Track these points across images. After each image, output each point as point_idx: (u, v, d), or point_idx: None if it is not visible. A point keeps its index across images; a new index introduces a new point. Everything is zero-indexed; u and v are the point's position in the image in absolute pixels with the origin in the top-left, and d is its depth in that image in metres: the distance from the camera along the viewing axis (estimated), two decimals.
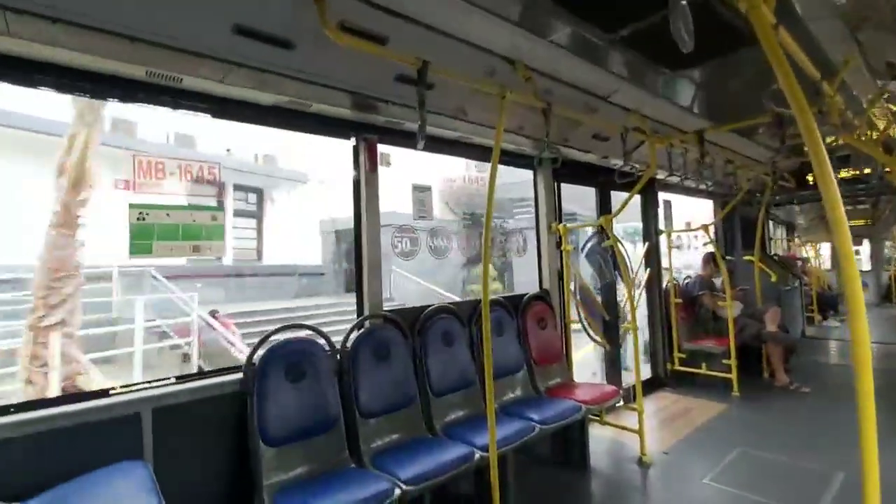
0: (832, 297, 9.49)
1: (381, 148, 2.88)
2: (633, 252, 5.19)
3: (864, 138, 3.29)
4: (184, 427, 1.98)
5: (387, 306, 2.78)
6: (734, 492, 2.73)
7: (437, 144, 3.08)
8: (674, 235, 5.37)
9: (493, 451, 2.10)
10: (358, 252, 2.74)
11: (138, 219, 2.08)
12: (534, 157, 3.68)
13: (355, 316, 2.69)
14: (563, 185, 4.09)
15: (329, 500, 1.80)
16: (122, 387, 1.96)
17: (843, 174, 5.31)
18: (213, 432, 2.07)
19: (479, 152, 3.30)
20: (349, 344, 2.48)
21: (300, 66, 2.06)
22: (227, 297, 9.97)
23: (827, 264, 12.00)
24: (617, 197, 4.41)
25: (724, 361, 4.59)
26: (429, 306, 2.94)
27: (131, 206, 2.05)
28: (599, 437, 3.52)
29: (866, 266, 11.65)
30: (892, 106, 3.34)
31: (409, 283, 10.79)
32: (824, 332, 7.76)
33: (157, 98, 2.03)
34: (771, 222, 10.11)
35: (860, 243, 11.85)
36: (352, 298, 2.76)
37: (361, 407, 2.37)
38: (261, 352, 2.20)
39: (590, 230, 4.14)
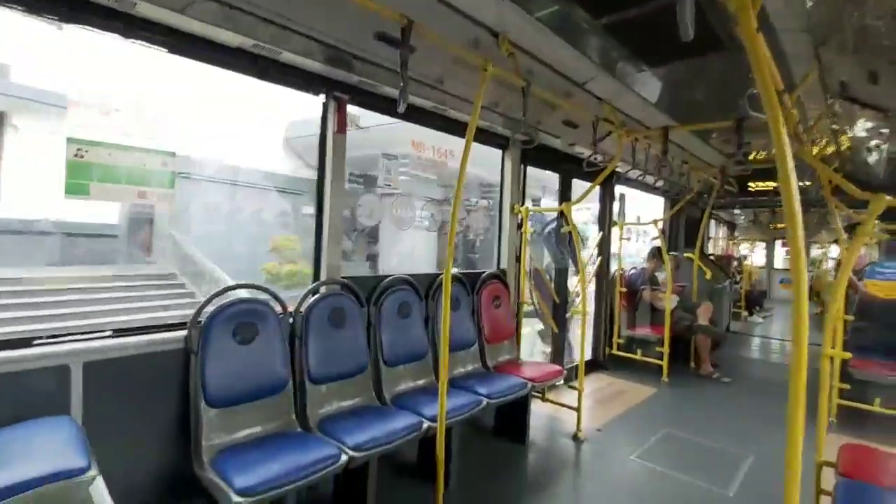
0: (759, 294, 10.33)
1: (351, 108, 2.77)
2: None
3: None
4: (119, 384, 1.86)
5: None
6: (657, 468, 2.96)
7: (412, 113, 2.98)
8: (625, 228, 5.60)
9: (442, 423, 2.14)
10: (319, 216, 2.64)
11: (76, 155, 1.89)
12: (507, 137, 3.66)
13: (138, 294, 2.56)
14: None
15: (273, 462, 1.77)
16: (48, 337, 1.80)
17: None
18: (152, 390, 1.96)
19: (451, 125, 3.24)
20: (303, 308, 2.41)
21: (273, 7, 1.90)
22: None
23: (760, 262, 13.01)
24: (578, 185, 4.52)
25: (658, 349, 4.91)
26: (387, 276, 2.91)
27: (69, 140, 1.85)
28: (540, 412, 3.69)
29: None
30: (834, 125, 3.60)
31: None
32: (748, 328, 8.46)
33: (106, 22, 1.81)
34: (713, 221, 10.78)
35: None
36: (148, 270, 2.46)
37: (311, 372, 2.33)
38: (209, 309, 2.09)
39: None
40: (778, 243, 12.86)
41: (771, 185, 6.33)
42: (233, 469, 1.74)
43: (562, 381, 4.11)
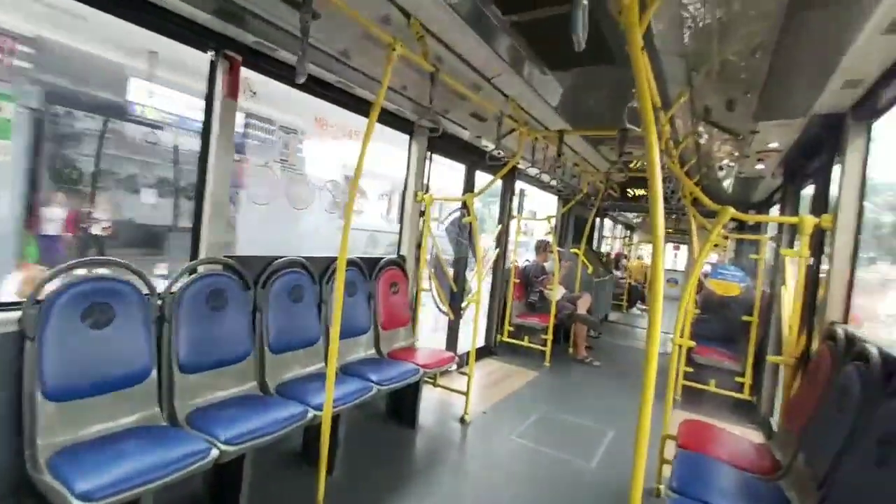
0: (643, 289, 11.55)
1: (245, 73, 2.52)
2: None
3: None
4: None
5: None
6: (532, 446, 3.20)
7: (314, 85, 2.81)
8: (522, 222, 5.92)
9: (328, 411, 2.07)
10: (200, 187, 2.38)
11: None
12: (412, 122, 3.62)
13: None
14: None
15: (126, 462, 1.56)
16: None
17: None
18: None
19: (357, 104, 3.12)
20: (175, 289, 2.16)
21: None
22: None
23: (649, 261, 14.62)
24: (481, 177, 4.65)
25: (543, 336, 5.30)
26: (279, 257, 2.72)
27: None
28: (432, 397, 3.78)
29: (682, 266, 14.42)
30: (698, 144, 4.12)
31: None
32: (626, 319, 9.48)
33: None
34: (611, 222, 11.82)
35: (678, 248, 14.64)
36: None
37: (182, 360, 2.10)
38: (51, 287, 1.77)
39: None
40: (669, 245, 14.53)
41: (645, 191, 7.12)
42: (74, 471, 1.50)
43: (454, 367, 4.24)
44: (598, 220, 9.50)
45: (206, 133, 2.38)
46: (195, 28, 2.18)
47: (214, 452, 1.77)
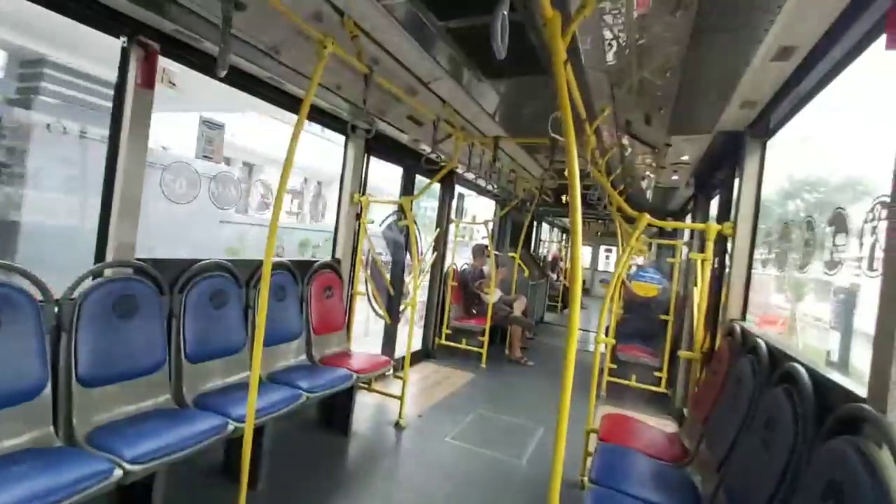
0: None
1: (164, 63, 2.36)
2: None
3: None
4: None
5: None
6: (468, 447, 3.24)
7: (240, 79, 2.68)
8: (461, 226, 6.01)
9: (251, 422, 1.97)
10: (109, 183, 2.18)
11: None
12: (347, 123, 3.56)
13: None
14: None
15: (7, 490, 1.39)
16: None
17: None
18: None
19: (290, 102, 3.01)
20: (76, 295, 1.96)
21: None
22: None
23: (586, 264, 15.32)
24: (421, 181, 4.66)
25: (480, 338, 5.39)
26: (198, 260, 2.56)
27: None
28: (365, 403, 3.72)
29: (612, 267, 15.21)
30: (623, 154, 4.40)
31: None
32: (560, 320, 9.86)
33: None
34: (548, 226, 12.23)
35: (610, 251, 15.45)
36: None
37: (82, 373, 1.91)
38: None
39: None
40: (602, 248, 15.27)
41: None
42: None
43: (390, 371, 4.21)
44: (535, 224, 9.83)
45: (115, 124, 2.19)
46: (107, 11, 2.02)
47: (118, 473, 1.62)
